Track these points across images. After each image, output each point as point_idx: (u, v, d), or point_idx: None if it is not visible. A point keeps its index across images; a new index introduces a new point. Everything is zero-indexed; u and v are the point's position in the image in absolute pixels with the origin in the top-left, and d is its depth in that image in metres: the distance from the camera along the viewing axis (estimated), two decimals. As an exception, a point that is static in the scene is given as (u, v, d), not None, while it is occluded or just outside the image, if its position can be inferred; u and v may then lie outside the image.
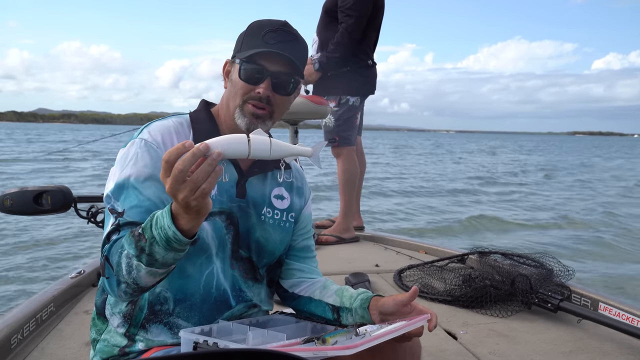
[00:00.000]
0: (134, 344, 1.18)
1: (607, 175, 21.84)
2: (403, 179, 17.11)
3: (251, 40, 1.18)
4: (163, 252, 0.95)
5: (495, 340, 2.04)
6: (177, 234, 0.93)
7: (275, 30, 1.16)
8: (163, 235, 0.94)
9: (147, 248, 0.96)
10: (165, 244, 0.94)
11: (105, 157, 22.58)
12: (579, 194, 14.57)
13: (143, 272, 0.98)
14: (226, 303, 1.22)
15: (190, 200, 0.88)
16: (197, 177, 0.87)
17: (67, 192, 2.32)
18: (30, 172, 15.92)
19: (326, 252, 3.29)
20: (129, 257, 0.99)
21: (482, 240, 7.38)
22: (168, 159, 0.88)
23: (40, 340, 1.92)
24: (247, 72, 1.16)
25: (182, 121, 1.23)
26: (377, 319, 1.21)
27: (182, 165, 0.86)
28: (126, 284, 1.02)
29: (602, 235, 8.42)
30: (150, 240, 0.95)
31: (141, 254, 0.96)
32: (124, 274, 1.00)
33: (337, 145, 3.60)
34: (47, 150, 24.13)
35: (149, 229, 0.96)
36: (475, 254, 2.92)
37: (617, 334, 2.03)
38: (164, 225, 0.94)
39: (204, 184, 0.88)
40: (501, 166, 25.68)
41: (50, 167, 17.83)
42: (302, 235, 1.37)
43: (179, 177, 0.87)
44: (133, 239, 0.98)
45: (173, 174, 0.87)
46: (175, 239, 0.94)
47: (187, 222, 0.93)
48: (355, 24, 3.37)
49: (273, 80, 1.17)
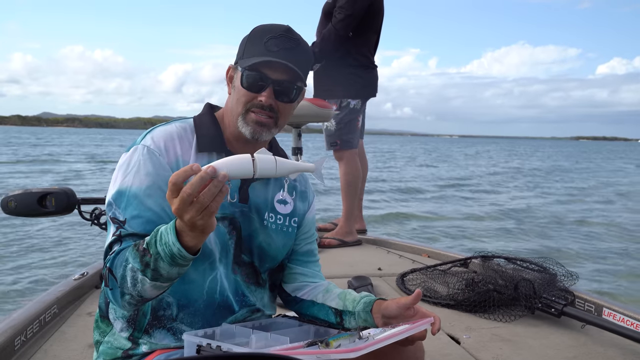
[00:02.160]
0: (137, 347, 1.18)
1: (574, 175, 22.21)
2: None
3: (253, 46, 1.17)
4: (168, 268, 0.97)
5: (499, 345, 2.03)
6: (181, 250, 0.95)
7: (277, 36, 1.16)
8: (168, 252, 0.95)
9: (152, 263, 0.97)
10: (170, 259, 0.96)
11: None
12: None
13: (148, 286, 1.00)
14: (229, 308, 1.22)
15: (196, 220, 0.90)
16: (204, 199, 0.88)
17: (70, 194, 2.33)
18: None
19: (328, 256, 3.28)
20: (133, 271, 1.00)
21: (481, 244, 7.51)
22: (175, 181, 0.89)
23: (43, 342, 1.92)
24: (250, 81, 1.16)
25: (186, 126, 1.22)
26: (380, 323, 1.21)
27: (190, 189, 0.88)
28: (130, 295, 1.03)
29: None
30: (155, 256, 0.97)
31: (146, 268, 0.98)
32: (128, 286, 1.01)
33: (339, 149, 3.60)
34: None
35: (153, 244, 0.97)
36: (478, 258, 2.91)
37: (622, 339, 2.02)
38: (169, 242, 0.95)
39: (211, 204, 0.89)
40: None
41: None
42: (305, 239, 1.37)
43: (187, 199, 0.88)
44: (138, 254, 0.99)
45: (181, 197, 0.88)
46: (179, 256, 0.95)
47: (191, 240, 0.94)
48: (344, 21, 3.37)
49: (275, 88, 1.16)
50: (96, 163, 22.95)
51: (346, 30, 3.42)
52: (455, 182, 18.85)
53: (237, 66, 1.19)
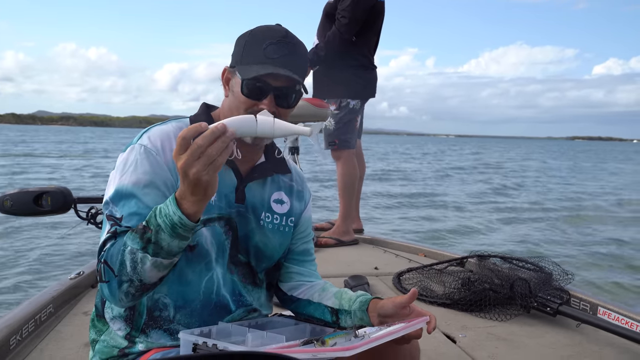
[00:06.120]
0: (133, 346, 1.18)
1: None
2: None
3: (252, 52, 1.17)
4: (169, 239, 0.99)
5: (494, 344, 2.04)
6: (182, 218, 0.97)
7: (276, 42, 1.16)
8: (169, 222, 0.98)
9: (153, 237, 0.99)
10: (171, 230, 0.98)
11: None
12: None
13: (148, 265, 1.00)
14: (226, 308, 1.22)
15: (202, 175, 0.93)
16: (212, 152, 0.93)
17: (67, 193, 2.32)
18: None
19: (325, 255, 3.29)
20: (133, 253, 1.00)
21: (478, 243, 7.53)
22: (185, 135, 0.93)
23: (39, 341, 1.92)
24: (250, 89, 1.16)
25: (182, 126, 1.22)
26: (376, 321, 1.21)
27: (201, 141, 0.92)
28: (130, 282, 1.02)
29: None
30: (156, 228, 0.98)
31: (147, 244, 0.99)
32: (128, 271, 1.01)
33: (336, 148, 3.61)
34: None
35: (153, 218, 0.99)
36: (474, 257, 2.92)
37: (617, 338, 2.03)
38: (169, 212, 0.98)
39: (218, 158, 0.93)
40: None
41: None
42: (301, 239, 1.37)
43: (196, 151, 0.92)
44: (137, 234, 1.00)
45: (191, 148, 0.93)
46: (180, 224, 0.97)
47: (192, 205, 0.97)
48: (348, 25, 3.38)
49: (276, 94, 1.17)
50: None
51: (350, 34, 3.43)
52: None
53: (236, 71, 1.18)
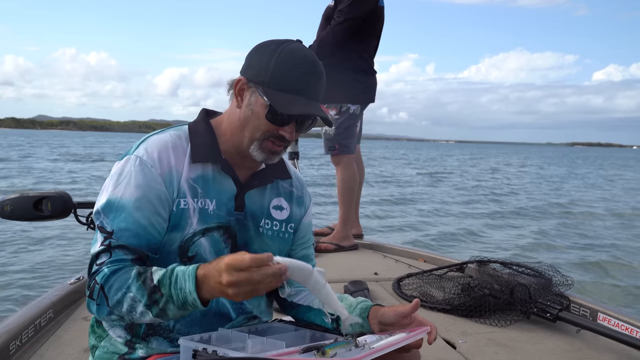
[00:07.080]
0: (134, 352, 1.18)
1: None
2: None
3: (281, 76, 1.13)
4: (175, 311, 0.99)
5: (494, 349, 2.04)
6: (196, 301, 0.97)
7: (308, 73, 1.14)
8: (181, 298, 0.98)
9: (161, 303, 0.99)
10: (182, 305, 0.98)
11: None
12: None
13: (146, 319, 1.02)
14: (226, 316, 1.23)
15: (238, 295, 0.93)
16: (262, 287, 0.93)
17: (67, 198, 2.32)
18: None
19: (325, 260, 3.28)
20: (134, 301, 1.00)
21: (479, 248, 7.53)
22: (250, 265, 0.91)
23: (38, 347, 1.91)
24: (275, 117, 1.14)
25: (180, 134, 1.21)
26: (376, 329, 1.21)
27: (260, 277, 0.91)
28: (120, 317, 1.04)
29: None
30: (167, 297, 0.98)
31: (153, 305, 0.99)
32: (123, 311, 1.02)
33: (337, 153, 3.61)
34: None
35: (167, 286, 0.98)
36: (474, 262, 2.92)
37: (616, 344, 2.02)
38: (185, 289, 0.97)
39: (261, 289, 0.93)
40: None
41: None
42: (301, 244, 1.38)
43: (250, 282, 0.91)
44: (146, 289, 1.00)
45: (248, 278, 0.91)
46: (192, 305, 0.98)
47: (210, 295, 0.97)
48: (343, 24, 3.37)
49: (298, 122, 1.18)
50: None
51: (344, 34, 3.41)
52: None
53: (260, 91, 1.14)
